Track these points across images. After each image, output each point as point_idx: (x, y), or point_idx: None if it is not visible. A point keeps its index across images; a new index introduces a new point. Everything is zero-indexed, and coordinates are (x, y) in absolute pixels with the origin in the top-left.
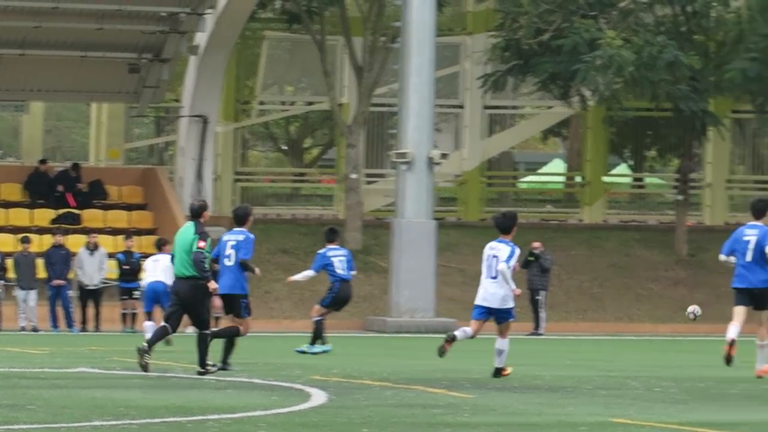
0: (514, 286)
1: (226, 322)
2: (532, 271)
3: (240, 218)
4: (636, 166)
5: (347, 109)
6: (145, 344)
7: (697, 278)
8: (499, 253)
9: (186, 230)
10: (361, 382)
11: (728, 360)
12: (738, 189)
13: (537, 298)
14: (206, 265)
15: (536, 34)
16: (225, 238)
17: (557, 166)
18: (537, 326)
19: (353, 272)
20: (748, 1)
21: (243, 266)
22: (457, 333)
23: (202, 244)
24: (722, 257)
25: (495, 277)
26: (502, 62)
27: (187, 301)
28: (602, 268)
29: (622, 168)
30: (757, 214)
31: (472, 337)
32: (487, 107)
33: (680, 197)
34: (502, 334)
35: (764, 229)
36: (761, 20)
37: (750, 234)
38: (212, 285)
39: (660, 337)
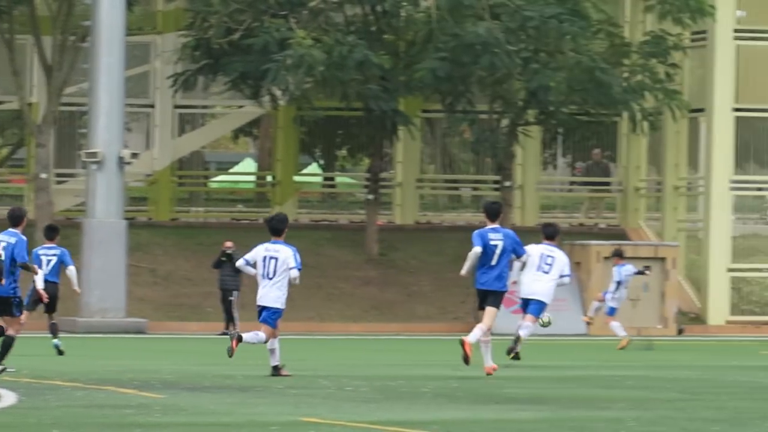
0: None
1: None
2: (225, 271)
3: (14, 219)
4: (327, 165)
5: (37, 108)
6: None
7: (388, 277)
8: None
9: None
10: (52, 383)
11: (465, 359)
12: (428, 188)
13: (230, 298)
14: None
15: (226, 34)
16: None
17: (248, 165)
18: (227, 326)
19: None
20: (437, 0)
21: (24, 267)
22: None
23: None
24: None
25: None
26: (192, 61)
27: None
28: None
29: (313, 167)
30: (493, 217)
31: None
32: (177, 106)
33: (371, 196)
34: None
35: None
36: (450, 20)
37: (495, 239)
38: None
39: (351, 336)
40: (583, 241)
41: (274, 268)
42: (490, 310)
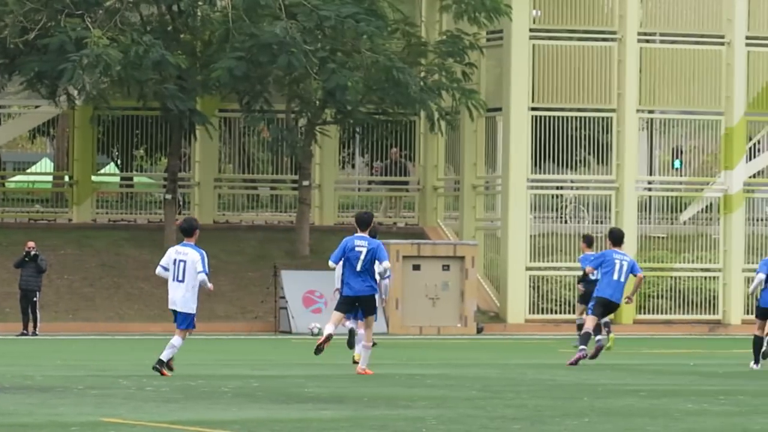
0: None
1: None
2: (27, 271)
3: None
4: (124, 165)
5: None
6: None
7: None
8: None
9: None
10: None
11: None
12: (226, 188)
13: (34, 299)
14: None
15: (22, 33)
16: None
17: (45, 165)
18: (26, 327)
19: None
20: (233, 0)
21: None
22: None
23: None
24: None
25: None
26: None
27: None
28: (93, 267)
29: (111, 167)
30: (363, 226)
31: None
32: None
33: (169, 196)
34: None
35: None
36: (247, 20)
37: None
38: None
39: (151, 336)
40: (382, 240)
41: (183, 270)
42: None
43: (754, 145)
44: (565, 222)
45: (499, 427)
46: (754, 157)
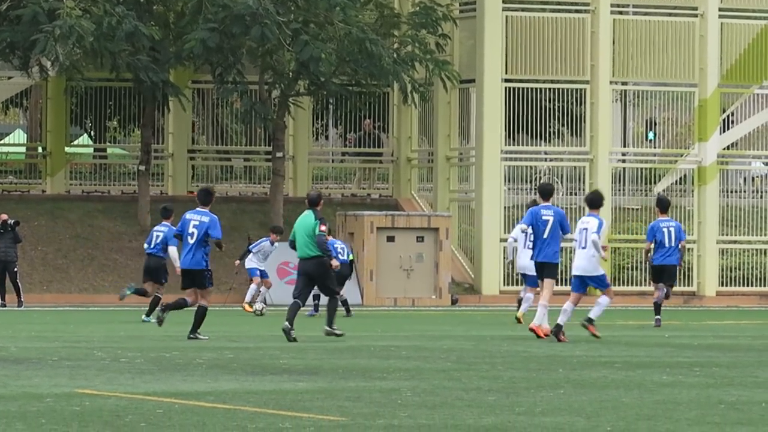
0: (603, 254)
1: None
2: (5, 242)
3: (204, 199)
4: (98, 136)
5: None
6: (287, 323)
7: None
8: (588, 225)
9: (306, 217)
10: None
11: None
12: (200, 159)
13: (15, 270)
14: (328, 246)
15: None
16: (188, 216)
17: (18, 136)
18: (3, 298)
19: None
20: None
21: (217, 245)
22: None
23: (323, 228)
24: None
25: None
26: None
27: (315, 276)
28: (66, 239)
29: (84, 139)
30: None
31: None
32: None
33: (142, 167)
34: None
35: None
36: None
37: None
38: (335, 262)
39: (126, 308)
40: (356, 212)
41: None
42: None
43: (728, 116)
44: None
45: (474, 399)
46: (728, 129)
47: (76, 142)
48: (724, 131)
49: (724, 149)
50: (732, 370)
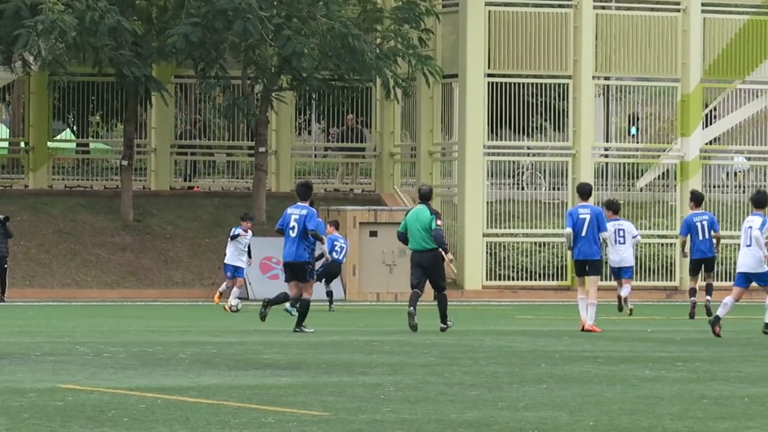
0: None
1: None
2: None
3: (303, 193)
4: (80, 131)
5: None
6: (411, 308)
7: (144, 243)
8: (753, 224)
9: (421, 211)
10: None
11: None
12: (180, 155)
13: (5, 266)
14: (444, 240)
15: None
16: (289, 211)
17: (1, 131)
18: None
19: None
20: None
21: (314, 237)
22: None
23: (439, 222)
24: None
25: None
26: None
27: (428, 268)
28: (49, 233)
29: (67, 133)
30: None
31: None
32: None
33: (125, 162)
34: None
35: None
36: None
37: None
38: (449, 256)
39: (108, 303)
40: (338, 207)
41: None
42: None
43: (711, 111)
44: (522, 188)
45: (457, 394)
46: (711, 123)
47: (58, 137)
48: (706, 126)
49: (706, 144)
50: (715, 364)
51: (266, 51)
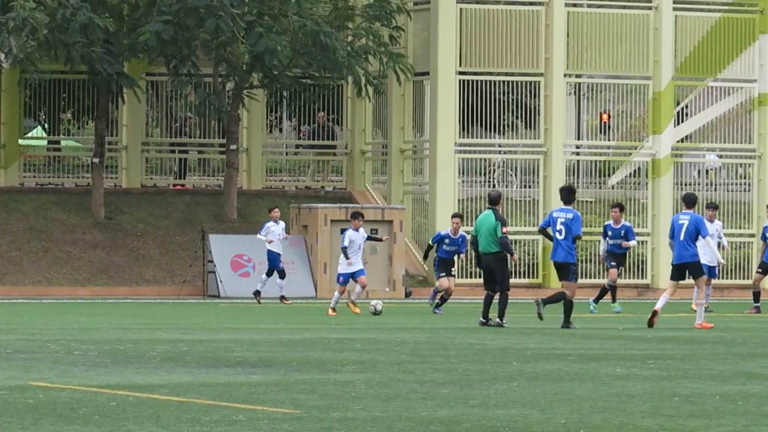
0: None
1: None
2: None
3: (568, 197)
4: (52, 129)
5: None
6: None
7: (116, 241)
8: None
9: (488, 217)
10: None
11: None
12: (154, 152)
13: None
14: (510, 244)
15: None
16: (554, 215)
17: None
18: None
19: None
20: None
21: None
22: None
23: (505, 229)
24: None
25: None
26: None
27: (493, 269)
28: (20, 231)
29: (38, 131)
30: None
31: None
32: None
33: (96, 160)
34: None
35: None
36: None
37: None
38: (515, 257)
39: (79, 300)
40: (310, 205)
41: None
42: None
43: (682, 109)
44: (493, 186)
45: (429, 392)
46: (682, 121)
47: (29, 135)
48: (678, 124)
49: (678, 142)
50: (686, 362)
51: (238, 48)
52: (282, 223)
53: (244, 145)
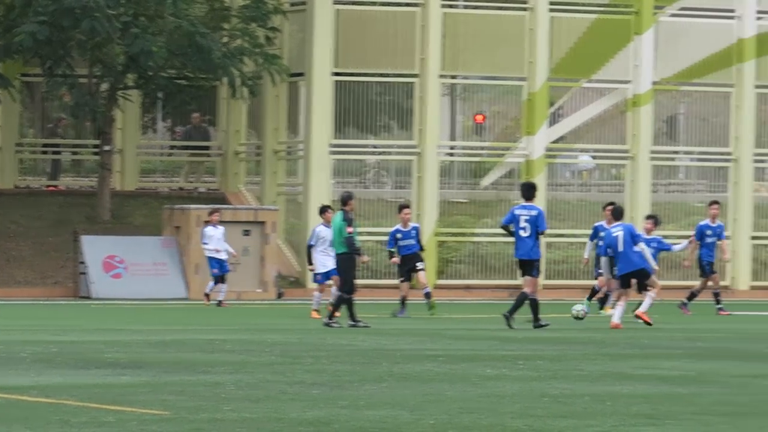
0: None
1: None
2: None
3: (528, 192)
4: None
5: None
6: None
7: None
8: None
9: (336, 217)
10: None
11: None
12: (28, 153)
13: None
14: (356, 244)
15: None
16: (517, 212)
17: None
18: None
19: None
20: None
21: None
22: None
23: (350, 230)
24: None
25: None
26: None
27: (338, 269)
28: None
29: None
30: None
31: None
32: None
33: None
34: None
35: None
36: None
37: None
38: (364, 258)
39: None
40: (182, 206)
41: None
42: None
43: (557, 110)
44: (367, 187)
45: (298, 392)
46: (556, 122)
47: None
48: (552, 125)
49: (552, 143)
50: (556, 363)
51: (113, 49)
52: (221, 228)
53: (119, 146)
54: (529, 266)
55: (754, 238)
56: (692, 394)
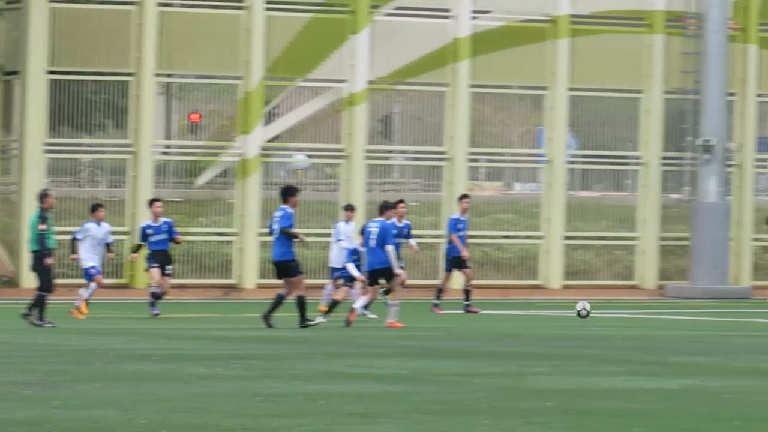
0: None
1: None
2: None
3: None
4: None
5: None
6: None
7: None
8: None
9: (33, 214)
10: None
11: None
12: None
13: None
14: (48, 243)
15: None
16: (277, 214)
17: None
18: None
19: None
20: None
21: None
22: None
23: (42, 227)
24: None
25: None
26: None
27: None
28: None
29: None
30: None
31: None
32: None
33: None
34: None
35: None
36: None
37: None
38: (48, 260)
39: None
40: None
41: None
42: None
43: (272, 109)
44: (81, 186)
45: (9, 392)
46: (271, 121)
47: None
48: (267, 124)
49: (267, 142)
50: (269, 362)
51: None
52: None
53: None
54: (285, 268)
55: (566, 238)
56: (404, 392)
